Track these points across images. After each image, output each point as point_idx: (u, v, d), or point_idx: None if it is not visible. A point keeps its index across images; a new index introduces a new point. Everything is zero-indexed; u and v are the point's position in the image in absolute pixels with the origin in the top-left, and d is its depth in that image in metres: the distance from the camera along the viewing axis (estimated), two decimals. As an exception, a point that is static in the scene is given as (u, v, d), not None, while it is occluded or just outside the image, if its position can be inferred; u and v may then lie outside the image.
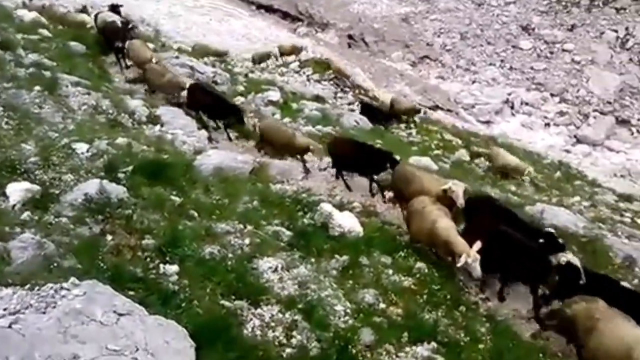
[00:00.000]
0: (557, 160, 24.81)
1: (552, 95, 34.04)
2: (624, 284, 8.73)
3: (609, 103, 32.92)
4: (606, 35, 36.29)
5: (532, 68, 35.66)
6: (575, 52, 36.05)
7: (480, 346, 7.25)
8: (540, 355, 7.45)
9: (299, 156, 12.69)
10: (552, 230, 9.36)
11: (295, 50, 27.15)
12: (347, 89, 24.88)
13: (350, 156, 11.98)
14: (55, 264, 5.69)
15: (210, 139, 13.62)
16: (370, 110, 21.51)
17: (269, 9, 40.70)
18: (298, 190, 10.60)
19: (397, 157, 11.51)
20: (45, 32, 16.34)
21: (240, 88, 20.11)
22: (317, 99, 22.19)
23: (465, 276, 9.16)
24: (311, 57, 26.71)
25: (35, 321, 4.49)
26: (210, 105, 14.27)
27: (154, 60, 15.88)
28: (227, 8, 39.05)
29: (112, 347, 4.50)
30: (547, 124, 32.45)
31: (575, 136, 31.63)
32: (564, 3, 38.86)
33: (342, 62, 27.57)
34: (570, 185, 19.49)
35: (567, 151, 30.01)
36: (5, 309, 4.52)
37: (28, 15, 17.32)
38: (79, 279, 4.99)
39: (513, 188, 16.12)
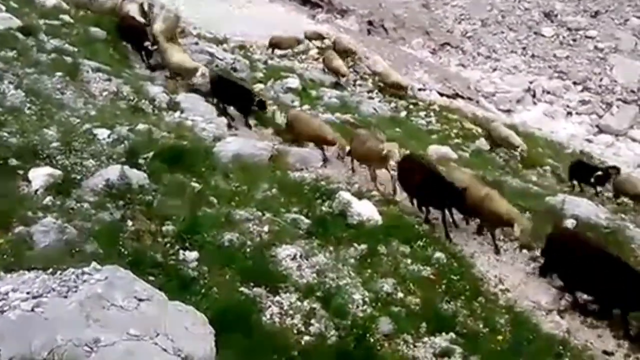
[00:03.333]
0: (579, 150, 24.51)
1: (574, 83, 33.57)
2: None
3: (633, 92, 32.38)
4: (631, 22, 35.64)
5: (554, 56, 35.16)
6: (598, 39, 35.46)
7: (499, 337, 7.20)
8: (560, 347, 7.37)
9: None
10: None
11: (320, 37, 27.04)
12: (367, 76, 24.73)
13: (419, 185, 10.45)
14: (76, 249, 5.76)
15: (229, 126, 13.62)
16: (584, 168, 17.06)
17: (289, -5, 40.52)
18: (317, 178, 10.56)
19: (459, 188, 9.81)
20: (66, 17, 16.39)
21: (260, 75, 20.08)
22: (336, 86, 22.12)
23: (483, 267, 9.13)
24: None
25: (57, 305, 4.53)
26: (233, 95, 14.22)
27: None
28: (247, -6, 38.94)
29: (132, 332, 4.53)
30: (569, 113, 32.03)
31: (597, 126, 31.19)
32: (588, -11, 38.22)
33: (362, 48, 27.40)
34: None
35: (589, 141, 29.61)
36: (28, 292, 4.56)
37: (50, 1, 17.40)
38: (100, 263, 5.03)
39: (534, 178, 15.96)
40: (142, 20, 17.12)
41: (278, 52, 25.79)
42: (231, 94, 14.26)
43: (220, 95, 14.44)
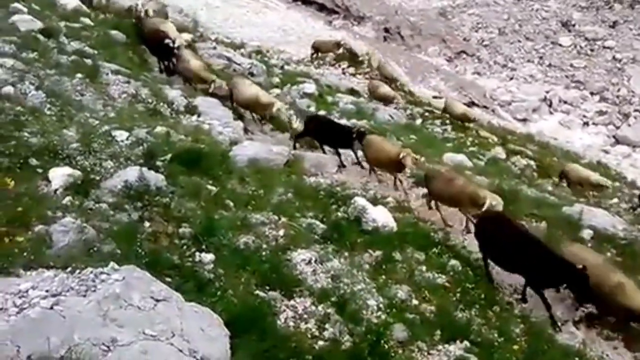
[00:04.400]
0: (595, 160, 24.33)
1: (591, 93, 33.36)
2: None
3: (651, 103, 32.10)
4: (650, 33, 35.35)
5: (571, 65, 34.98)
6: (616, 49, 35.23)
7: (515, 347, 7.14)
8: (576, 359, 7.30)
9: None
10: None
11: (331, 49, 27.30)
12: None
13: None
14: (95, 249, 5.80)
15: (246, 130, 13.69)
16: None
17: (306, 1, 40.70)
18: (332, 183, 10.60)
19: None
20: (87, 20, 16.59)
21: (276, 80, 20.18)
22: (352, 92, 22.17)
23: (498, 276, 9.07)
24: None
25: (76, 304, 4.56)
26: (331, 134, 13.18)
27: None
28: (264, 0, 39.18)
29: (149, 332, 4.56)
30: (586, 123, 31.81)
31: (614, 136, 30.93)
32: (606, -1, 38.00)
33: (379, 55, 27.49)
34: (609, 187, 19.03)
35: (606, 151, 29.39)
36: (47, 291, 4.61)
37: (71, 3, 17.62)
38: (118, 264, 5.06)
39: (550, 188, 15.85)
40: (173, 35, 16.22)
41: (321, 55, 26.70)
42: (329, 134, 13.22)
43: (319, 136, 13.60)
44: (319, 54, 26.86)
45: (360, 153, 12.68)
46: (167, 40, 15.23)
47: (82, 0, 18.75)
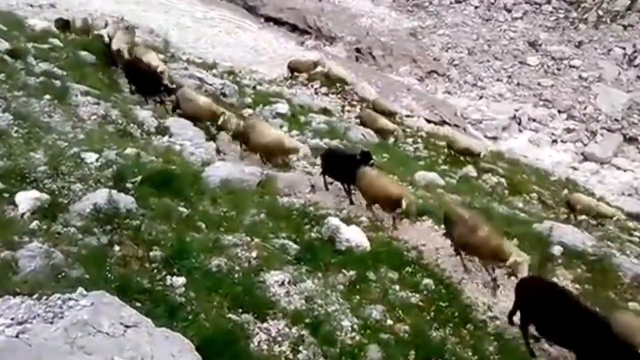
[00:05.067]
0: (564, 177, 24.77)
1: (559, 111, 34.05)
2: None
3: (617, 120, 32.87)
4: (614, 52, 36.34)
5: (539, 84, 35.70)
6: (582, 68, 36.09)
7: (488, 365, 7.17)
8: (549, 375, 7.35)
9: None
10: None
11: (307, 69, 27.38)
12: (355, 103, 24.94)
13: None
14: (63, 274, 5.68)
15: (218, 151, 13.59)
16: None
17: (278, 22, 40.94)
18: (305, 203, 10.57)
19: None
20: (55, 41, 16.45)
21: (248, 100, 20.17)
22: (325, 111, 22.26)
23: (472, 294, 9.11)
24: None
25: (42, 331, 4.45)
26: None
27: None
28: (236, 20, 39.32)
29: (118, 359, 4.46)
30: (555, 141, 32.41)
31: (582, 153, 31.55)
32: (571, 19, 39.00)
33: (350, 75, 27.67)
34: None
35: (574, 168, 29.95)
36: (12, 319, 4.48)
37: (39, 25, 17.47)
38: (86, 289, 4.96)
39: (520, 205, 16.06)
40: (156, 64, 16.09)
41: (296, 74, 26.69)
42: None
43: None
44: (295, 74, 26.79)
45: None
46: (165, 81, 15.05)
47: (58, 26, 18.66)
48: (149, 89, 15.25)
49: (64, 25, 19.25)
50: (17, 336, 4.32)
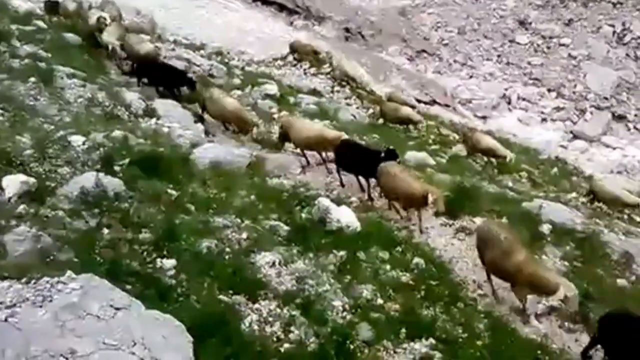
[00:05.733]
0: (554, 156, 24.84)
1: (549, 90, 34.00)
2: None
3: (606, 99, 32.89)
4: (603, 30, 36.25)
5: (529, 63, 35.61)
6: (572, 47, 36.00)
7: (479, 342, 7.22)
8: (539, 352, 7.42)
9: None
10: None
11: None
12: (344, 83, 24.79)
13: None
14: (51, 257, 5.66)
15: (206, 132, 13.49)
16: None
17: (266, 2, 40.45)
18: (295, 184, 10.55)
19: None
20: (40, 23, 16.19)
21: (237, 81, 19.99)
22: (314, 92, 22.12)
23: (462, 272, 9.15)
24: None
25: (32, 315, 4.45)
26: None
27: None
28: (223, 0, 38.85)
29: (109, 341, 4.47)
30: (544, 120, 32.41)
31: (572, 132, 31.59)
32: (560, -3, 38.86)
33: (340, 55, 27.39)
34: (567, 181, 19.46)
35: (564, 147, 29.98)
36: (1, 303, 4.48)
37: (23, 6, 17.19)
38: (75, 272, 4.95)
39: (510, 184, 16.11)
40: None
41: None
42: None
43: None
44: (296, 56, 26.43)
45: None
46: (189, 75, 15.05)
47: (46, 8, 18.35)
48: (169, 84, 14.91)
49: (52, 7, 18.94)
50: (6, 320, 4.32)
